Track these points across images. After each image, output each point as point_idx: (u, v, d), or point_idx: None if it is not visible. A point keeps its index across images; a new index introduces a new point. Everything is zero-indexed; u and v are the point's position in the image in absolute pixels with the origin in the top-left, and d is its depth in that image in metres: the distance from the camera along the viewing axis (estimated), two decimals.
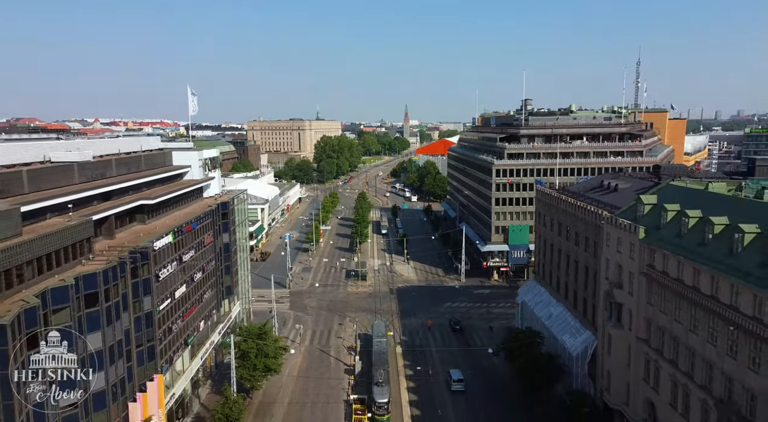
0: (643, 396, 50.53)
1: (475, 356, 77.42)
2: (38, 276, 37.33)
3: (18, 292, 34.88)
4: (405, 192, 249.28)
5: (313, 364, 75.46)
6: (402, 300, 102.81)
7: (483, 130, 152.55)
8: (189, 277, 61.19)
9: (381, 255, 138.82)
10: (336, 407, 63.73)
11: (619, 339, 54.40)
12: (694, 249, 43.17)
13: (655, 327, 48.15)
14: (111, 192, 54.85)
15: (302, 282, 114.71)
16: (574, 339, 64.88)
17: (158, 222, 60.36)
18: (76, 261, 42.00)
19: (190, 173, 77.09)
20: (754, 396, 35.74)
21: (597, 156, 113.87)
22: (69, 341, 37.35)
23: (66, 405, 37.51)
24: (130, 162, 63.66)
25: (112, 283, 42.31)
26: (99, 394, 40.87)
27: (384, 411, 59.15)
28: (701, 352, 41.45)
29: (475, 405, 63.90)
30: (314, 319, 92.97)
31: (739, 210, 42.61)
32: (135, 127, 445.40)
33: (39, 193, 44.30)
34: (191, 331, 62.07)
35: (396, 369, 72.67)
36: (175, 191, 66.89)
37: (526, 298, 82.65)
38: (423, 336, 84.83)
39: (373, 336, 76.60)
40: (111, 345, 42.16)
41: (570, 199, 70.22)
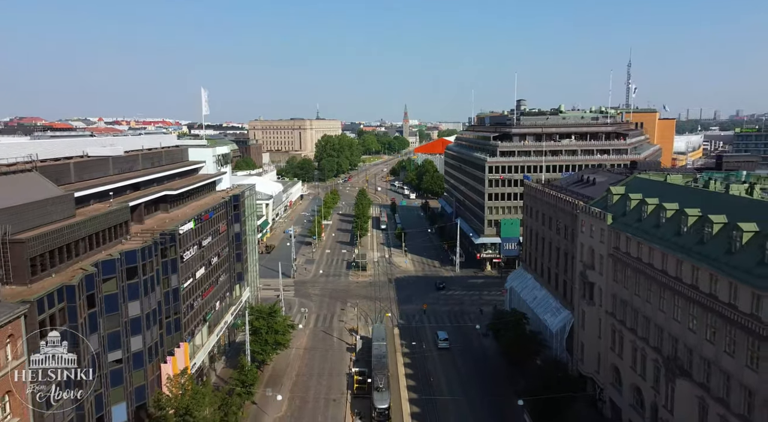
0: (610, 363, 57.39)
1: (465, 333, 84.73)
2: (89, 251, 44.05)
3: (75, 263, 41.58)
4: (404, 189, 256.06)
5: (318, 343, 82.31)
6: (400, 289, 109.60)
7: (478, 129, 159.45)
8: (207, 261, 67.98)
9: (380, 248, 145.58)
10: (339, 379, 70.60)
11: (591, 314, 61.25)
12: (650, 231, 49.99)
13: (620, 301, 54.99)
14: (139, 183, 61.61)
15: (306, 272, 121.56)
16: (554, 318, 71.78)
17: (179, 211, 67.04)
18: (117, 240, 48.77)
19: (204, 168, 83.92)
20: (692, 351, 42.53)
21: (584, 153, 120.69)
22: (116, 306, 44.34)
23: (112, 361, 44.28)
24: (153, 157, 70.44)
25: (147, 260, 49.06)
26: (138, 354, 47.62)
27: (384, 417, 58.15)
28: (654, 319, 48.26)
29: (462, 373, 71.05)
30: (318, 305, 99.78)
31: (688, 197, 49.45)
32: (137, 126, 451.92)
33: (83, 183, 51.03)
34: (209, 309, 68.85)
35: (394, 347, 79.51)
36: (193, 184, 73.68)
37: (514, 284, 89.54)
38: (419, 320, 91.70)
39: (372, 340, 75.27)
40: (147, 313, 48.91)
41: (552, 192, 77.06)
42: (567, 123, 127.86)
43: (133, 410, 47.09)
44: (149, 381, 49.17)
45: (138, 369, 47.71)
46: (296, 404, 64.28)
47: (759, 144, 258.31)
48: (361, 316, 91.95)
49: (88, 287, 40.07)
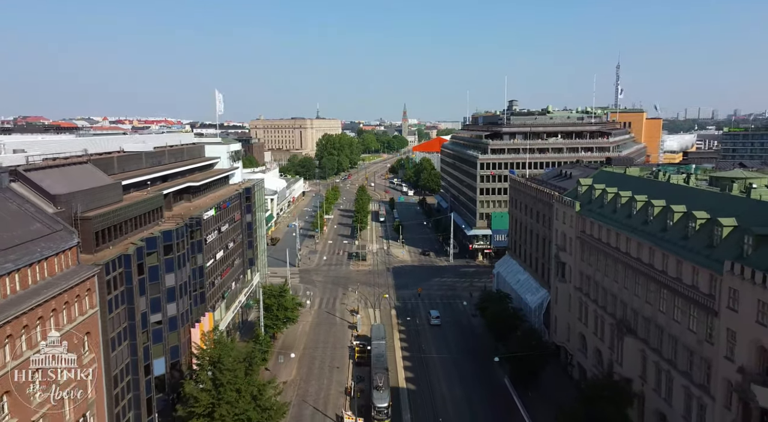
0: (578, 332, 66.13)
1: (455, 313, 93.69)
2: (135, 230, 52.63)
3: (125, 239, 50.17)
4: (402, 186, 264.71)
5: (322, 322, 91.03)
6: (397, 276, 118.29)
7: (472, 128, 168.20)
8: (225, 245, 76.65)
9: (379, 240, 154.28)
10: (342, 350, 79.32)
11: (563, 290, 69.98)
12: (609, 215, 58.67)
13: (585, 276, 63.71)
14: (167, 175, 70.21)
15: (309, 262, 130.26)
16: (533, 296, 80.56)
17: (199, 201, 75.63)
18: (154, 222, 57.36)
19: (220, 163, 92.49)
20: (637, 313, 51.26)
21: (569, 151, 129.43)
22: (157, 277, 52.99)
23: (154, 322, 52.90)
24: (177, 153, 79.04)
25: (180, 240, 57.58)
26: (173, 319, 56.22)
27: (384, 416, 58.16)
28: (610, 289, 57.00)
29: (451, 344, 79.91)
30: (321, 290, 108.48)
31: (640, 186, 58.17)
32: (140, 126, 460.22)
33: (124, 174, 59.57)
34: (226, 288, 77.51)
35: (391, 324, 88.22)
36: (211, 177, 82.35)
37: (501, 270, 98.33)
38: (414, 302, 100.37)
39: (371, 339, 75.24)
40: (180, 284, 57.44)
41: (534, 185, 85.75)
42: (554, 122, 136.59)
43: (169, 365, 55.72)
44: (182, 342, 57.80)
45: (173, 332, 56.28)
46: (304, 370, 73.01)
47: (746, 143, 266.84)
48: (361, 299, 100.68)
49: (138, 257, 48.73)
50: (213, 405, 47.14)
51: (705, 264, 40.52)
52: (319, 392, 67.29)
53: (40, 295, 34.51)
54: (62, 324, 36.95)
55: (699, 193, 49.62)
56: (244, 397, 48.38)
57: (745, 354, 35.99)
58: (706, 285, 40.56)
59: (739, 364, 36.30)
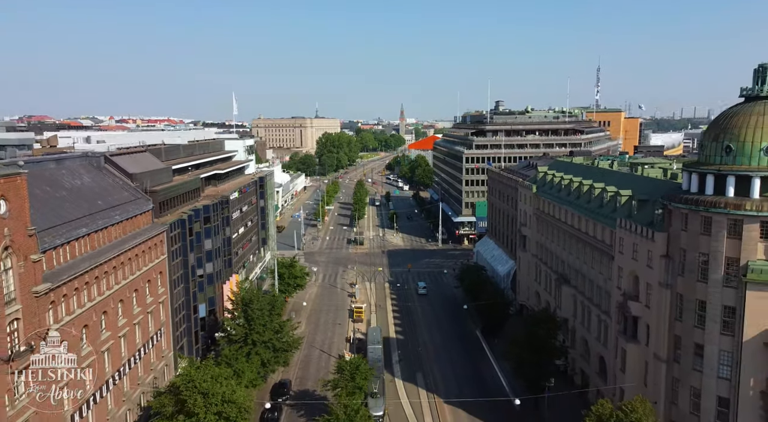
0: (534, 290, 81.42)
1: (440, 285, 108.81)
2: (182, 204, 67.68)
3: (176, 210, 65.19)
4: (398, 182, 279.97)
5: (326, 292, 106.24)
6: (391, 258, 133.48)
7: (461, 126, 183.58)
8: (245, 223, 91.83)
9: (375, 228, 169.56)
10: (342, 312, 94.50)
11: (524, 257, 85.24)
12: (555, 194, 73.85)
13: (539, 245, 78.97)
14: (199, 164, 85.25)
15: (313, 246, 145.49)
16: (503, 266, 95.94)
17: (224, 186, 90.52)
18: (195, 199, 72.43)
19: (237, 155, 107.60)
20: (571, 267, 66.51)
21: (545, 146, 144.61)
22: (199, 240, 68.10)
23: (198, 275, 68.00)
24: (204, 146, 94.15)
25: (214, 213, 72.71)
26: (210, 275, 71.33)
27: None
28: (555, 252, 72.24)
29: (435, 308, 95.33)
30: (324, 268, 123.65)
31: (580, 171, 73.33)
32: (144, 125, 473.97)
33: (169, 161, 74.53)
34: (246, 259, 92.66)
35: (384, 294, 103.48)
36: (232, 167, 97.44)
37: (480, 248, 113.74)
38: (404, 277, 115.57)
39: (367, 343, 74.11)
40: (215, 248, 72.55)
41: (505, 174, 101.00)
42: (532, 121, 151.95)
43: (208, 311, 70.87)
44: (217, 295, 72.97)
45: (210, 285, 71.44)
46: (311, 327, 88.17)
47: None
48: (358, 275, 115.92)
49: (189, 223, 63.86)
50: (246, 334, 62.23)
51: (608, 224, 55.77)
52: (324, 340, 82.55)
53: (135, 239, 49.59)
54: (147, 263, 52.03)
55: (615, 174, 64.92)
56: (269, 330, 63.46)
57: (626, 282, 51.27)
58: (608, 238, 55.83)
59: (623, 290, 51.60)
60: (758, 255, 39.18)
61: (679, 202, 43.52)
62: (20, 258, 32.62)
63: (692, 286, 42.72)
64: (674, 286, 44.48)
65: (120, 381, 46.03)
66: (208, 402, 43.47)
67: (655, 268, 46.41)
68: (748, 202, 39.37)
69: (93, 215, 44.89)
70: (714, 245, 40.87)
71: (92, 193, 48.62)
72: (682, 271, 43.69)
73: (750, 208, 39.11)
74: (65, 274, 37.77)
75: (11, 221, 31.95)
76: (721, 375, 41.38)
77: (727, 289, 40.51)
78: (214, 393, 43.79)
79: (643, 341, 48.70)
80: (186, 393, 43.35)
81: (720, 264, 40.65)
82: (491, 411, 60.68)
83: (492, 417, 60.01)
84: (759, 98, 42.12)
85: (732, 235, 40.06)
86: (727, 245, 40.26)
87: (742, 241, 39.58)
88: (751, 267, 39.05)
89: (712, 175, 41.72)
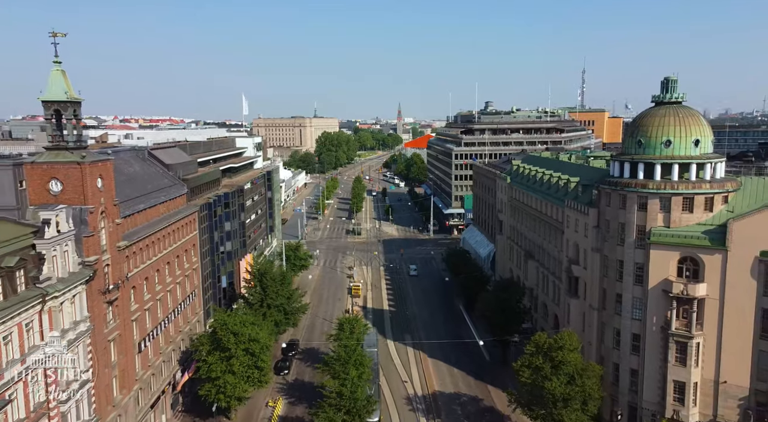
0: (508, 267, 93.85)
1: (429, 269, 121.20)
2: (206, 191, 79.87)
3: (202, 196, 77.38)
4: (394, 179, 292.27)
5: (327, 274, 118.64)
6: (386, 246, 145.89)
7: (453, 125, 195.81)
8: (256, 210, 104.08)
9: (372, 221, 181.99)
10: (342, 290, 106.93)
11: (501, 240, 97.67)
12: (524, 183, 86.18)
13: (513, 228, 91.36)
14: (216, 158, 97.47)
15: (314, 235, 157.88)
16: (484, 249, 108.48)
17: (237, 178, 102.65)
18: (216, 188, 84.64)
19: (247, 152, 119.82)
20: (535, 243, 78.89)
21: (528, 144, 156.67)
22: (221, 222, 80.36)
23: (221, 252, 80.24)
24: (219, 142, 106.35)
25: (231, 200, 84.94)
26: (229, 252, 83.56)
27: None
28: (523, 233, 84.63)
29: (425, 286, 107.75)
30: (325, 254, 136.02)
31: (545, 164, 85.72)
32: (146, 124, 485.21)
33: (194, 155, 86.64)
34: (256, 243, 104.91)
35: (379, 275, 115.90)
36: (243, 161, 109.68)
37: (466, 235, 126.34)
38: (398, 261, 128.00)
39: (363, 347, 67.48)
40: (233, 229, 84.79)
41: (487, 167, 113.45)
42: (517, 120, 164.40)
43: (228, 283, 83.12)
44: (235, 269, 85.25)
45: (229, 261, 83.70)
46: (315, 301, 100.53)
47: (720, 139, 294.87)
48: (356, 260, 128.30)
49: (214, 207, 76.14)
50: (262, 299, 74.50)
51: (560, 205, 68.14)
52: (326, 311, 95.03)
53: (176, 216, 61.81)
54: (183, 236, 64.25)
55: (570, 166, 77.34)
56: (281, 296, 75.75)
57: (571, 250, 63.69)
58: (560, 216, 68.20)
59: (569, 257, 64.01)
60: (658, 223, 51.54)
61: (604, 185, 55.97)
62: (110, 221, 44.81)
63: (614, 249, 55.12)
64: (602, 250, 56.89)
65: (167, 326, 58.23)
66: (238, 340, 55.69)
67: (589, 237, 58.83)
68: (651, 182, 51.75)
69: (146, 195, 57.11)
70: (628, 216, 53.25)
71: (142, 179, 60.81)
72: (607, 238, 56.11)
73: (653, 188, 51.49)
74: (134, 237, 50.01)
75: (105, 193, 44.10)
76: (634, 317, 53.80)
77: (637, 250, 52.89)
78: (242, 333, 56.03)
79: (582, 296, 61.13)
80: (221, 333, 55.57)
81: (632, 231, 53.02)
82: (468, 364, 73.27)
83: (468, 368, 72.55)
84: (664, 103, 54.51)
85: (640, 208, 52.45)
86: (637, 216, 52.62)
87: (647, 213, 51.95)
88: (654, 232, 51.42)
89: (628, 163, 54.08)
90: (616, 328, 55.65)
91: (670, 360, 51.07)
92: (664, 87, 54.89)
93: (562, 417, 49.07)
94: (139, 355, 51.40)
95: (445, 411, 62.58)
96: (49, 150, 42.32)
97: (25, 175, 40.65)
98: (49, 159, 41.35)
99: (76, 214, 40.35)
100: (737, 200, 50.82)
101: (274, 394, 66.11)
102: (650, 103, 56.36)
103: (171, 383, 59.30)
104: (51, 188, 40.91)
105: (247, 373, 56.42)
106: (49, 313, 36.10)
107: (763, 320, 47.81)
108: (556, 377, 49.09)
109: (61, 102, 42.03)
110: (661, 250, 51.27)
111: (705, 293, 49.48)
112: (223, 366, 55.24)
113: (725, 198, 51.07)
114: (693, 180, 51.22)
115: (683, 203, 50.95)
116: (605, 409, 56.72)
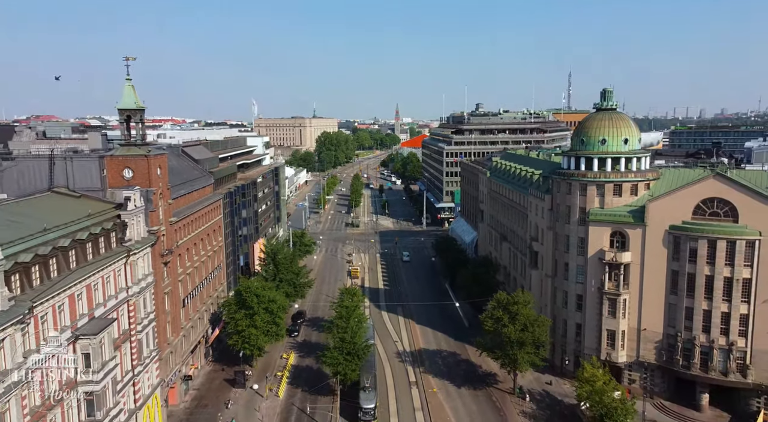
0: (488, 251, 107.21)
1: (421, 256, 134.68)
2: (226, 183, 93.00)
3: (224, 187, 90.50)
4: (391, 177, 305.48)
5: (328, 260, 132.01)
6: (383, 236, 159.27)
7: (445, 126, 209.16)
8: (266, 201, 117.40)
9: (369, 215, 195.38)
10: (342, 272, 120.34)
11: (482, 228, 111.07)
12: (501, 176, 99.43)
13: (491, 216, 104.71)
14: (232, 155, 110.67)
15: (315, 227, 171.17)
16: (468, 236, 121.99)
17: (249, 173, 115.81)
18: (233, 180, 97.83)
19: (257, 149, 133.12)
20: (507, 227, 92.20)
21: (514, 143, 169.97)
22: (240, 209, 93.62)
23: (240, 235, 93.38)
24: (233, 141, 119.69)
25: (247, 190, 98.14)
26: (245, 236, 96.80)
27: (370, 416, 58.52)
28: (499, 219, 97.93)
29: (417, 270, 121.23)
30: (326, 243, 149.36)
31: (519, 160, 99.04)
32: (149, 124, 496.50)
33: (214, 152, 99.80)
34: (266, 231, 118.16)
35: (375, 261, 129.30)
36: (254, 158, 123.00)
37: (454, 226, 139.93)
38: (392, 249, 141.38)
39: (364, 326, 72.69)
40: (249, 216, 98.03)
41: (472, 164, 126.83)
42: (504, 121, 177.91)
43: (244, 263, 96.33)
44: (250, 251, 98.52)
45: (246, 243, 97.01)
46: (318, 281, 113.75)
47: (689, 139, 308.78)
48: (355, 248, 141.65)
49: (234, 196, 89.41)
50: (275, 274, 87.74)
51: (525, 193, 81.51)
52: (329, 289, 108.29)
53: (206, 202, 75.00)
54: (212, 218, 77.46)
55: (538, 161, 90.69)
56: (291, 271, 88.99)
57: (533, 230, 77.11)
58: (525, 203, 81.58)
59: (531, 235, 77.44)
60: (596, 205, 64.90)
61: (556, 175, 69.36)
62: (165, 200, 58.03)
63: (563, 227, 68.50)
64: (554, 228, 70.28)
65: (201, 291, 71.53)
66: (260, 300, 68.91)
67: (545, 218, 72.21)
68: (590, 173, 65.14)
69: (184, 184, 70.28)
70: (573, 200, 66.62)
71: (179, 171, 73.91)
72: (558, 218, 69.48)
73: (591, 177, 64.88)
74: (180, 215, 63.23)
75: (162, 179, 57.31)
76: (578, 281, 67.21)
77: (580, 227, 66.26)
78: (263, 295, 69.28)
79: (540, 267, 74.51)
80: (246, 294, 68.80)
81: (576, 212, 66.38)
82: (450, 328, 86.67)
83: (449, 332, 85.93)
84: (602, 109, 67.93)
85: (582, 194, 65.80)
86: (579, 200, 66.00)
87: (587, 197, 65.32)
88: (592, 212, 64.76)
89: (574, 157, 67.46)
90: (565, 291, 69.09)
91: (604, 314, 64.52)
92: (603, 96, 68.40)
93: (517, 357, 62.40)
94: (183, 309, 64.71)
95: (429, 362, 75.94)
96: (122, 146, 55.51)
97: (105, 164, 53.88)
98: (123, 153, 54.57)
99: (143, 194, 53.50)
100: (657, 186, 64.26)
101: (287, 350, 79.47)
102: (592, 108, 69.86)
103: (204, 337, 72.64)
104: (124, 175, 54.10)
105: (266, 328, 69.63)
106: (130, 266, 49.28)
107: (672, 279, 61.28)
108: (512, 325, 62.37)
109: (131, 109, 55.20)
110: (597, 226, 64.67)
111: (630, 259, 62.92)
112: (247, 321, 68.43)
113: (647, 185, 64.51)
114: (622, 170, 64.64)
115: (614, 189, 64.44)
116: (557, 357, 70.30)
